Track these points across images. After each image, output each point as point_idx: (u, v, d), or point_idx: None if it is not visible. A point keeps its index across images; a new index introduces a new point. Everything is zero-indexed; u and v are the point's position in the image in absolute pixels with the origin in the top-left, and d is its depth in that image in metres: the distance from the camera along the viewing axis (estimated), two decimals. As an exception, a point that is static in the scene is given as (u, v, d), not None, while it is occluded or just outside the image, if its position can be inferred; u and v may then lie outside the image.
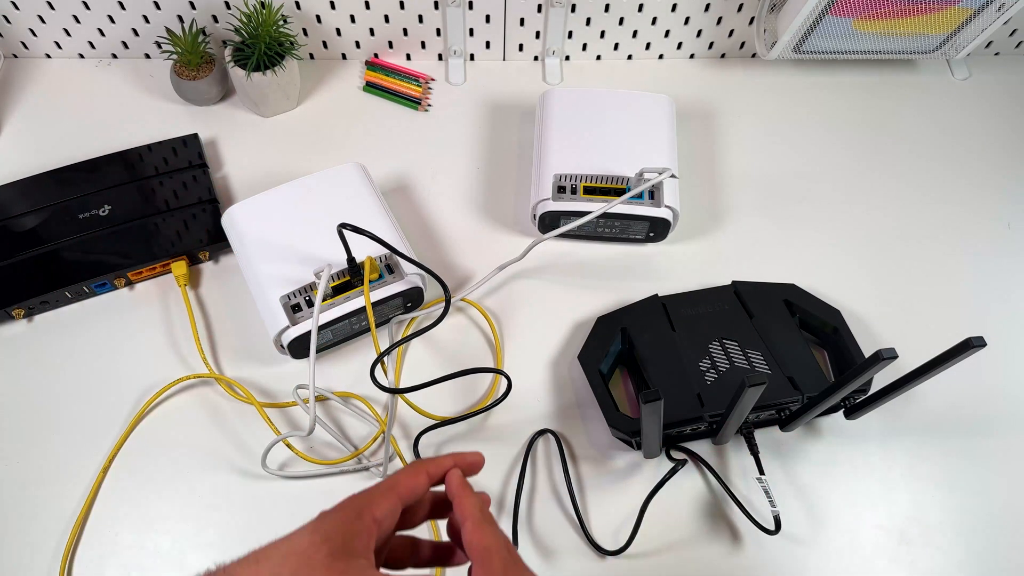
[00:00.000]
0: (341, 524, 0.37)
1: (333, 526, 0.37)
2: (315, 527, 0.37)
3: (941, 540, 0.60)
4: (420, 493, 0.40)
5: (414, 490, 0.39)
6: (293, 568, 0.35)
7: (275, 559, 0.36)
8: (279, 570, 0.35)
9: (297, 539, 0.36)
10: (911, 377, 0.51)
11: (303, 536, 0.36)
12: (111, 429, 0.63)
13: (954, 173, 0.82)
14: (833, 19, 0.78)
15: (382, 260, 0.65)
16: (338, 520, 0.37)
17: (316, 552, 0.35)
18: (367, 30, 0.85)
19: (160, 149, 0.77)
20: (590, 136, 0.74)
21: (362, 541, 0.37)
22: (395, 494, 0.39)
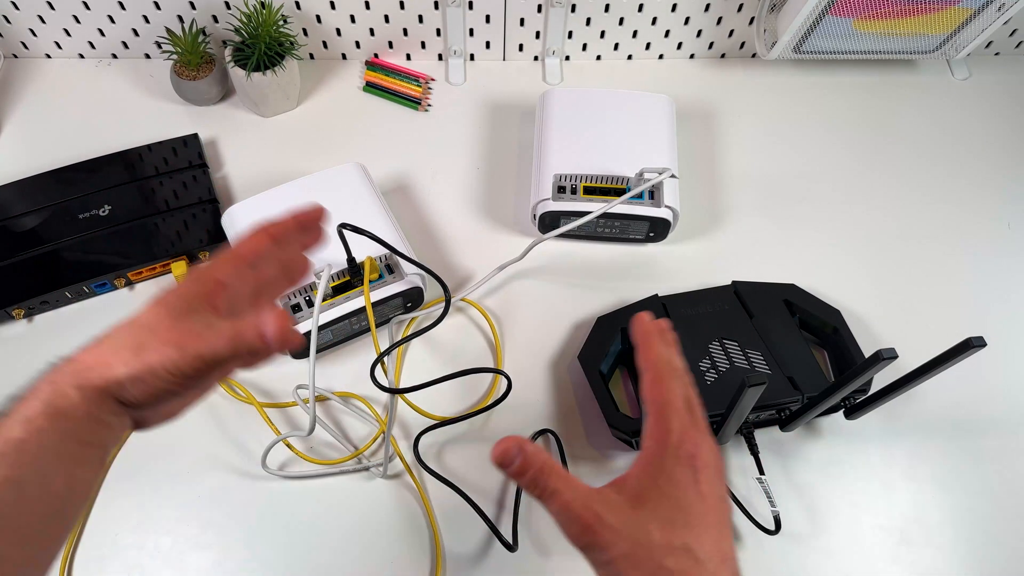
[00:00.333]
0: (182, 292, 0.37)
1: (174, 296, 0.37)
2: (157, 300, 0.37)
3: (941, 540, 0.60)
4: (261, 251, 0.40)
5: (255, 249, 0.40)
6: (136, 336, 0.35)
7: (118, 334, 0.35)
8: (123, 340, 0.35)
9: (141, 313, 0.36)
10: (911, 377, 0.51)
11: (146, 310, 0.36)
12: (111, 429, 0.63)
13: (954, 173, 0.82)
14: (833, 19, 0.78)
15: (382, 260, 0.65)
16: (179, 290, 0.37)
17: (157, 319, 0.35)
18: (367, 30, 0.85)
19: (160, 149, 0.77)
20: (590, 136, 0.74)
21: (204, 300, 0.37)
22: (234, 254, 0.39)
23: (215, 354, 0.35)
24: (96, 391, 0.33)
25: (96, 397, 0.34)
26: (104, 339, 0.35)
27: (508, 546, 0.57)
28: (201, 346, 0.34)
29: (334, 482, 0.61)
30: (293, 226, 0.42)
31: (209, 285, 0.38)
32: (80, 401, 0.33)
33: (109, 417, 0.34)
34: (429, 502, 0.60)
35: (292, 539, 0.59)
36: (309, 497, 0.61)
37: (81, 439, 0.33)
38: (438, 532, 0.59)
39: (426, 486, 0.61)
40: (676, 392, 0.37)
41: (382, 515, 0.60)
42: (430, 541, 0.59)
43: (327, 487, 0.61)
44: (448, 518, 0.60)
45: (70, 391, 0.33)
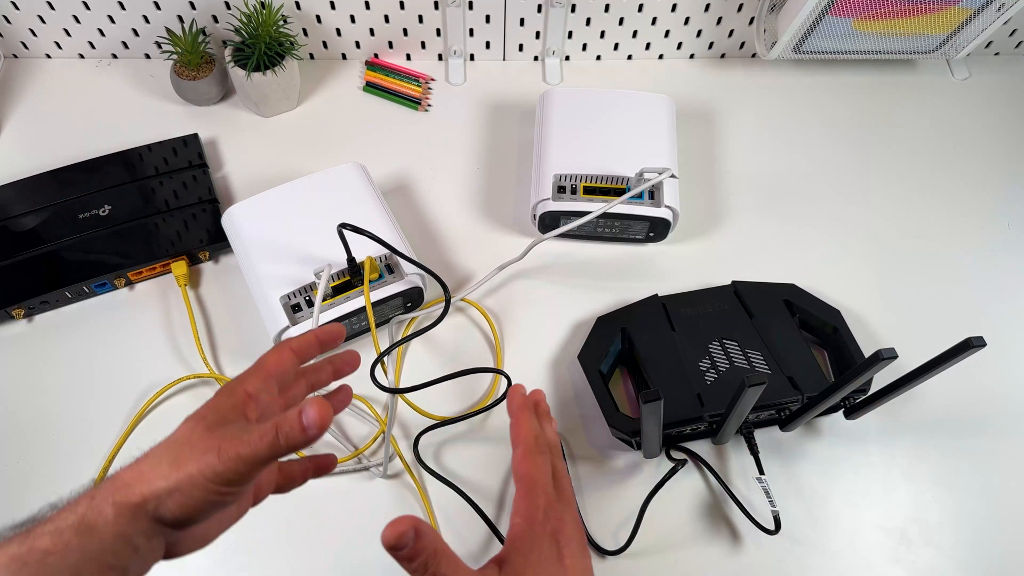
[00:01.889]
0: (214, 406, 0.38)
1: (207, 409, 0.38)
2: (190, 417, 0.38)
3: (941, 540, 0.60)
4: (287, 368, 0.42)
5: (280, 364, 0.42)
6: (174, 451, 0.35)
7: (156, 452, 0.36)
8: (161, 457, 0.35)
9: (176, 431, 0.37)
10: (911, 377, 0.51)
11: (181, 427, 0.37)
12: (111, 429, 0.63)
13: (954, 173, 0.82)
14: (833, 19, 0.78)
15: (382, 260, 0.65)
16: (210, 404, 0.38)
17: (193, 432, 0.36)
18: (367, 30, 0.85)
19: (160, 149, 0.77)
20: (590, 136, 0.74)
21: (236, 412, 0.38)
22: (262, 370, 0.41)
23: (255, 454, 0.34)
24: (132, 507, 0.33)
25: (130, 514, 0.33)
26: (143, 458, 0.35)
27: None
28: (240, 447, 0.34)
29: (334, 482, 0.61)
30: (314, 342, 0.44)
31: (240, 397, 0.38)
32: (113, 518, 0.32)
33: (140, 539, 0.33)
34: (429, 502, 0.60)
35: (292, 539, 0.59)
36: (309, 497, 0.61)
37: (104, 561, 0.32)
38: (438, 532, 0.59)
39: (426, 486, 0.61)
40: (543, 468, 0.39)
41: (382, 515, 0.60)
42: (430, 541, 0.59)
43: (327, 487, 0.61)
44: (448, 518, 0.60)
45: (106, 507, 0.33)
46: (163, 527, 0.34)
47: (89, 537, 0.32)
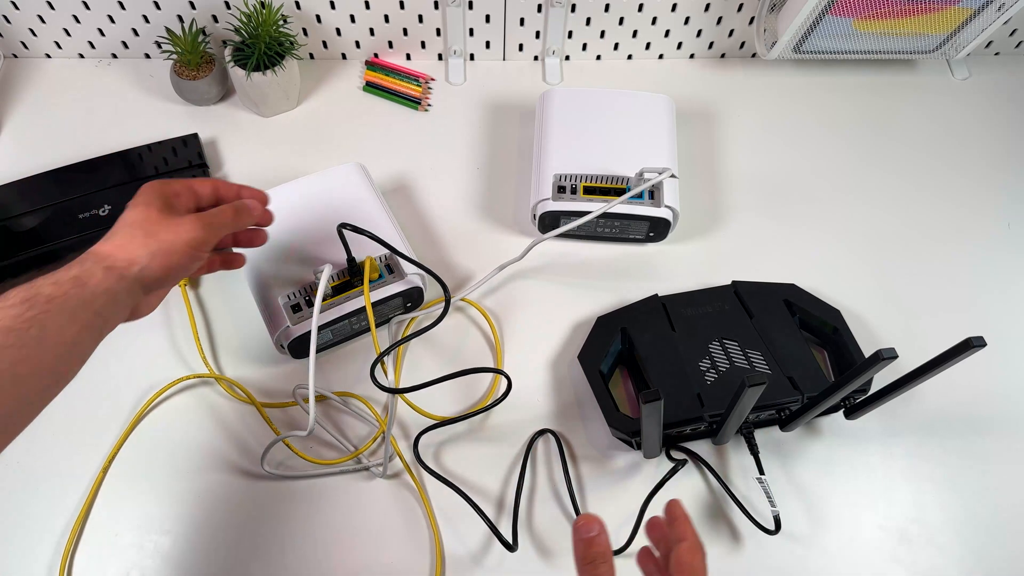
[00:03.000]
0: (158, 193, 0.48)
1: (147, 199, 0.47)
2: (133, 206, 0.47)
3: (941, 540, 0.60)
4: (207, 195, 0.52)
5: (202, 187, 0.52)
6: (143, 229, 0.45)
7: (123, 232, 0.45)
8: (131, 232, 0.45)
9: (130, 213, 0.46)
10: (911, 377, 0.51)
11: (130, 213, 0.46)
12: (111, 429, 0.63)
13: (954, 173, 0.82)
14: (833, 19, 0.78)
15: (382, 260, 0.65)
16: (154, 192, 0.48)
17: (149, 214, 0.46)
18: (367, 30, 0.85)
19: (160, 149, 0.77)
20: (590, 136, 0.74)
21: (181, 201, 0.49)
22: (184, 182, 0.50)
23: (223, 223, 0.49)
24: (118, 270, 0.43)
25: (117, 275, 0.43)
26: (109, 237, 0.45)
27: (508, 546, 0.57)
28: (213, 218, 0.48)
29: (334, 482, 0.61)
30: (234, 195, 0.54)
31: (172, 192, 0.48)
32: (102, 278, 0.42)
33: (122, 295, 0.43)
34: (429, 502, 0.60)
35: (292, 539, 0.59)
36: (309, 497, 0.61)
37: (93, 309, 0.41)
38: (438, 532, 0.59)
39: (426, 486, 0.61)
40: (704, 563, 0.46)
41: (382, 515, 0.60)
42: (430, 541, 0.59)
43: (327, 487, 0.61)
44: (448, 518, 0.60)
45: (96, 270, 0.42)
46: (139, 288, 0.45)
47: (83, 289, 0.41)
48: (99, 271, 0.42)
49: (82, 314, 0.41)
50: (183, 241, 0.46)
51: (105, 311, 0.42)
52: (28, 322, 0.39)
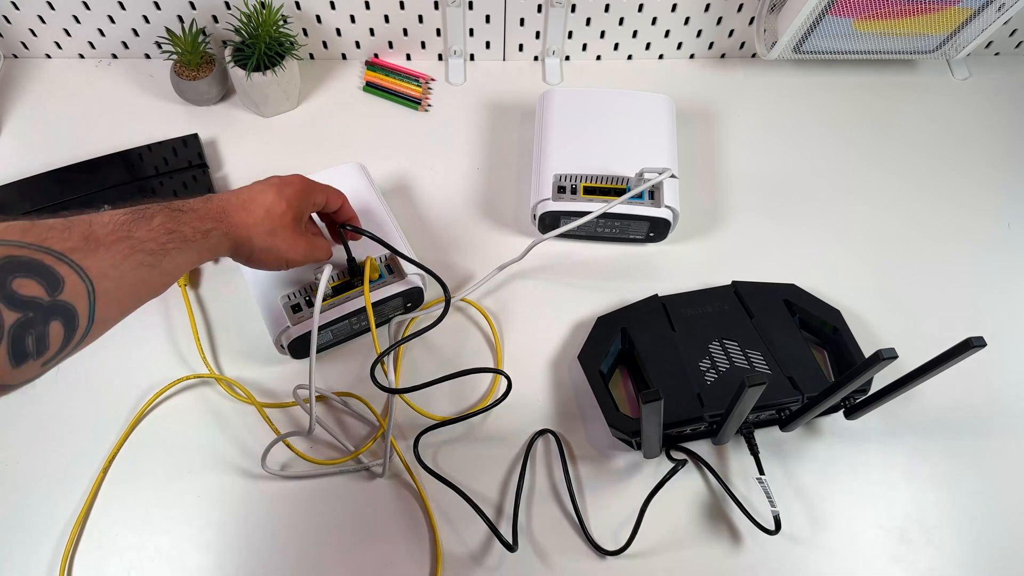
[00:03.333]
0: (297, 199, 0.55)
1: (293, 197, 0.55)
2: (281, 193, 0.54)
3: (941, 540, 0.60)
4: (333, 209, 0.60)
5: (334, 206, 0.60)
6: (272, 224, 0.53)
7: (259, 211, 0.52)
8: (263, 221, 0.52)
9: (273, 200, 0.53)
10: (911, 377, 0.51)
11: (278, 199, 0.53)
12: (111, 429, 0.63)
13: (954, 173, 0.82)
14: (833, 19, 0.78)
15: (382, 260, 0.65)
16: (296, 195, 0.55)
17: (284, 216, 0.54)
18: (367, 30, 0.85)
19: (160, 149, 0.77)
20: (590, 136, 0.74)
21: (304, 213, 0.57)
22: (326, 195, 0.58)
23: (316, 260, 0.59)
24: (233, 242, 0.51)
25: (234, 245, 0.52)
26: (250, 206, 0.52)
27: (508, 546, 0.57)
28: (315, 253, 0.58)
29: (334, 482, 0.61)
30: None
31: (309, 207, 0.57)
32: (220, 240, 0.50)
33: (221, 255, 0.52)
34: (429, 502, 0.60)
35: (292, 539, 0.59)
36: (309, 497, 0.61)
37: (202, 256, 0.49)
38: (438, 532, 0.59)
39: (425, 486, 0.61)
40: None
41: (382, 515, 0.60)
42: (430, 541, 0.59)
43: (327, 487, 0.61)
44: (448, 518, 0.60)
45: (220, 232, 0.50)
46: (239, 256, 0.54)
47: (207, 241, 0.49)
48: (222, 235, 0.50)
49: (196, 257, 0.48)
50: (286, 258, 0.55)
51: (206, 257, 0.50)
52: (163, 252, 0.45)
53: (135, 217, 0.44)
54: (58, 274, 0.38)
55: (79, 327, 0.39)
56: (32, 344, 0.37)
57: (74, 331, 0.39)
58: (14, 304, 0.36)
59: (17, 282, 0.36)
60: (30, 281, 0.37)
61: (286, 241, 0.54)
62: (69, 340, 0.39)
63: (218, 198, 0.51)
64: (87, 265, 0.40)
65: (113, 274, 0.41)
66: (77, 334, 0.40)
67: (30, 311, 0.36)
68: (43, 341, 0.37)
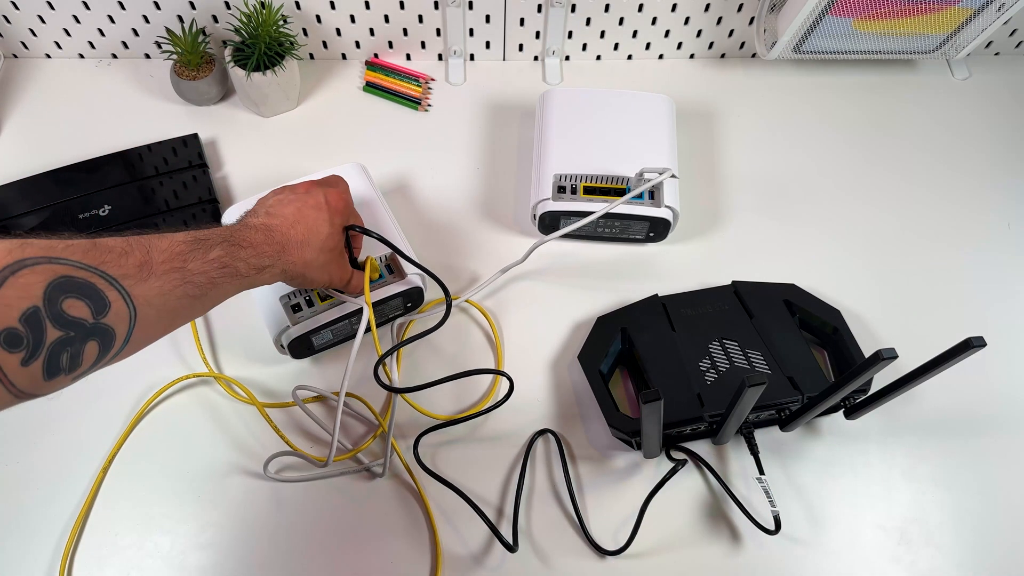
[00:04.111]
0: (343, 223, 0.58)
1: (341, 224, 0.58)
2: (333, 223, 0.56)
3: (941, 540, 0.60)
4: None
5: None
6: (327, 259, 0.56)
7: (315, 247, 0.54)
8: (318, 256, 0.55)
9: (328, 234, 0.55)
10: (911, 377, 0.51)
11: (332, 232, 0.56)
12: (111, 428, 0.63)
13: (954, 173, 0.82)
14: (833, 19, 0.78)
15: (382, 260, 0.65)
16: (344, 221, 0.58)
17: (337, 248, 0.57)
18: (367, 30, 0.85)
19: (160, 149, 0.77)
20: (590, 136, 0.74)
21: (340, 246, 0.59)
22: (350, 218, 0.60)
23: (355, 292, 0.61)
24: (288, 276, 0.53)
25: (284, 277, 0.53)
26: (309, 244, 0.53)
27: (508, 546, 0.57)
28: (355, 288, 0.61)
29: (334, 482, 0.61)
30: None
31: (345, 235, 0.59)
32: (275, 275, 0.52)
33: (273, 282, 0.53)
34: (429, 502, 0.60)
35: (292, 539, 0.59)
36: (309, 497, 0.61)
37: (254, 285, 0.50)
38: (438, 532, 0.59)
39: (426, 486, 0.61)
40: None
41: (382, 515, 0.60)
42: (430, 541, 0.59)
43: (327, 487, 0.61)
44: (448, 518, 0.60)
45: (277, 270, 0.51)
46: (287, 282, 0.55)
47: (260, 276, 0.50)
48: (278, 271, 0.51)
49: (243, 287, 0.49)
50: (336, 285, 0.59)
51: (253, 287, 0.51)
52: (212, 284, 0.46)
53: (192, 248, 0.45)
54: (107, 298, 0.39)
55: (113, 347, 0.40)
56: (67, 360, 0.38)
57: (108, 351, 0.40)
58: (61, 323, 0.37)
59: (68, 302, 0.37)
60: (80, 303, 0.38)
61: (338, 271, 0.58)
62: (102, 359, 0.40)
63: (280, 232, 0.52)
64: (136, 293, 0.41)
65: (157, 302, 0.42)
66: (110, 354, 0.41)
67: (72, 331, 0.37)
68: (77, 358, 0.38)
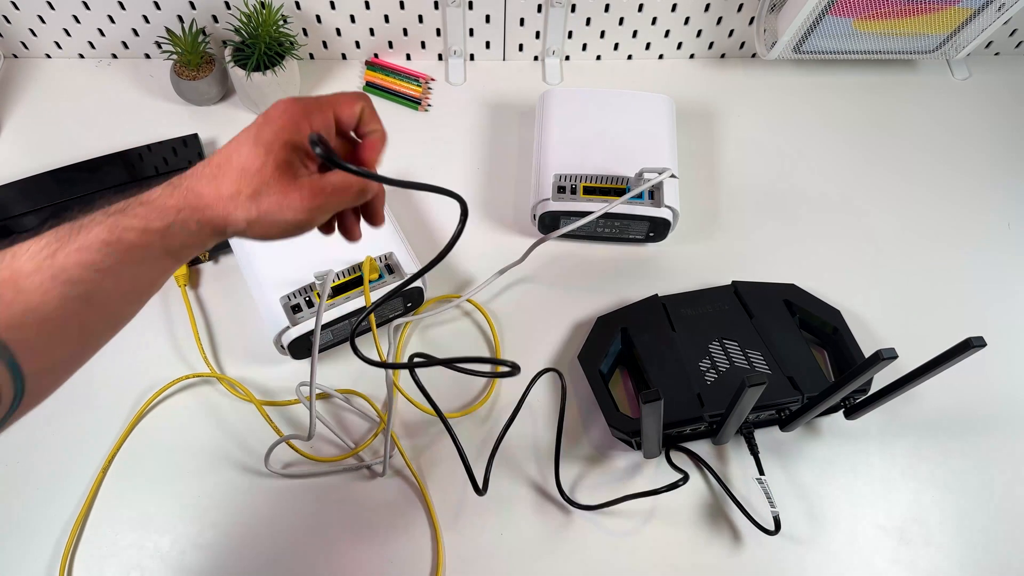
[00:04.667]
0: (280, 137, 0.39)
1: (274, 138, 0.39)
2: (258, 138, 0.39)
3: (941, 540, 0.60)
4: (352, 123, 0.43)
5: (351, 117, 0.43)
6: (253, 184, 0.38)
7: (232, 175, 0.38)
8: (238, 184, 0.38)
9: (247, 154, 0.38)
10: (911, 377, 0.51)
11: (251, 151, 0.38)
12: (111, 428, 0.63)
13: (954, 173, 0.82)
14: (833, 19, 0.78)
15: (382, 260, 0.65)
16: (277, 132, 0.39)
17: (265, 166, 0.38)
18: (367, 30, 0.85)
19: (160, 149, 0.77)
20: (590, 136, 0.74)
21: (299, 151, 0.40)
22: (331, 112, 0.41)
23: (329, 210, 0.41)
24: (214, 228, 0.39)
25: (211, 231, 0.39)
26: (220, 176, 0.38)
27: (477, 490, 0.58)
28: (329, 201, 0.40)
29: (335, 480, 0.61)
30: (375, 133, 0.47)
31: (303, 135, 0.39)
32: (196, 231, 0.38)
33: (208, 244, 0.40)
34: (430, 499, 0.60)
35: (292, 538, 0.59)
36: (310, 495, 0.61)
37: (175, 254, 0.39)
38: (439, 529, 0.59)
39: (427, 484, 0.61)
40: None
41: (383, 512, 0.60)
42: (431, 538, 0.59)
43: (328, 485, 0.61)
44: (449, 518, 0.60)
45: (191, 223, 0.38)
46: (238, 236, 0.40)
47: (171, 240, 0.38)
48: (193, 223, 0.38)
49: (161, 262, 0.39)
50: (287, 219, 0.39)
51: (184, 255, 0.40)
52: (103, 273, 0.36)
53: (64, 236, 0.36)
54: None
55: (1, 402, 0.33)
56: None
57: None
58: None
59: None
60: None
61: (278, 202, 0.38)
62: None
63: (188, 177, 0.39)
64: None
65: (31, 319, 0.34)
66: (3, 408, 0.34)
67: None
68: None
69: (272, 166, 0.38)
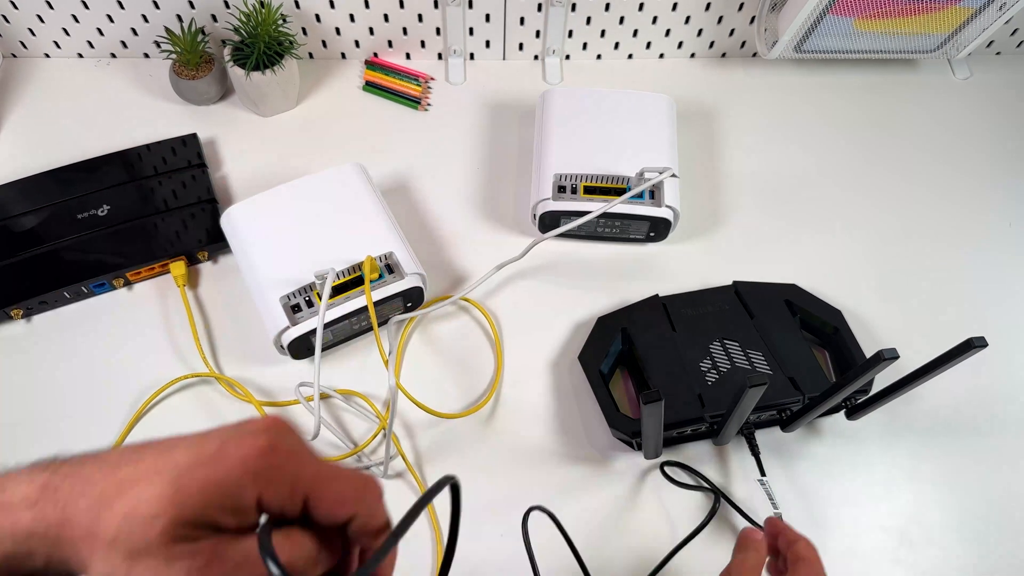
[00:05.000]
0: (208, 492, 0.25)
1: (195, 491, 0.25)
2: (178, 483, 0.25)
3: (942, 541, 0.60)
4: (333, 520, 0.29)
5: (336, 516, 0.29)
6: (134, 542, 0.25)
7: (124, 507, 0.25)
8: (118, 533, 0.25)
9: (150, 498, 0.25)
10: (912, 377, 0.51)
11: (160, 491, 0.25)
12: (111, 428, 0.63)
13: (955, 172, 0.82)
14: (834, 18, 0.78)
15: (382, 260, 0.65)
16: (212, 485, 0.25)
17: (153, 526, 0.24)
18: (367, 29, 0.85)
19: (159, 149, 0.77)
20: (590, 136, 0.74)
21: (226, 519, 0.26)
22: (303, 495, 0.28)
23: None
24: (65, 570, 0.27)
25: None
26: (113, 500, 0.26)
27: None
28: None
29: (334, 483, 0.61)
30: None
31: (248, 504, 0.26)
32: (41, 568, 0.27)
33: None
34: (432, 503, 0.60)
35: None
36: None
37: None
38: (439, 532, 0.59)
39: (427, 485, 0.61)
40: None
41: (382, 516, 0.60)
42: (431, 541, 0.59)
43: (327, 488, 0.61)
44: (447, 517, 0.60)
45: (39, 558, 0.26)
46: None
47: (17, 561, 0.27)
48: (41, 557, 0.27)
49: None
50: None
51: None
52: None
53: None
54: None
55: None
56: None
57: None
58: None
59: None
60: None
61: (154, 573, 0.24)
62: None
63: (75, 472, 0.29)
64: None
65: None
66: None
67: None
68: None
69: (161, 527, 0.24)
